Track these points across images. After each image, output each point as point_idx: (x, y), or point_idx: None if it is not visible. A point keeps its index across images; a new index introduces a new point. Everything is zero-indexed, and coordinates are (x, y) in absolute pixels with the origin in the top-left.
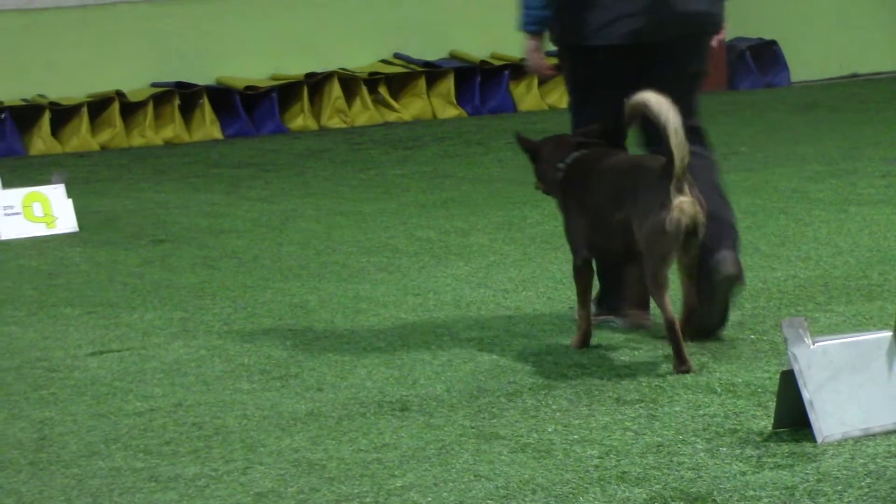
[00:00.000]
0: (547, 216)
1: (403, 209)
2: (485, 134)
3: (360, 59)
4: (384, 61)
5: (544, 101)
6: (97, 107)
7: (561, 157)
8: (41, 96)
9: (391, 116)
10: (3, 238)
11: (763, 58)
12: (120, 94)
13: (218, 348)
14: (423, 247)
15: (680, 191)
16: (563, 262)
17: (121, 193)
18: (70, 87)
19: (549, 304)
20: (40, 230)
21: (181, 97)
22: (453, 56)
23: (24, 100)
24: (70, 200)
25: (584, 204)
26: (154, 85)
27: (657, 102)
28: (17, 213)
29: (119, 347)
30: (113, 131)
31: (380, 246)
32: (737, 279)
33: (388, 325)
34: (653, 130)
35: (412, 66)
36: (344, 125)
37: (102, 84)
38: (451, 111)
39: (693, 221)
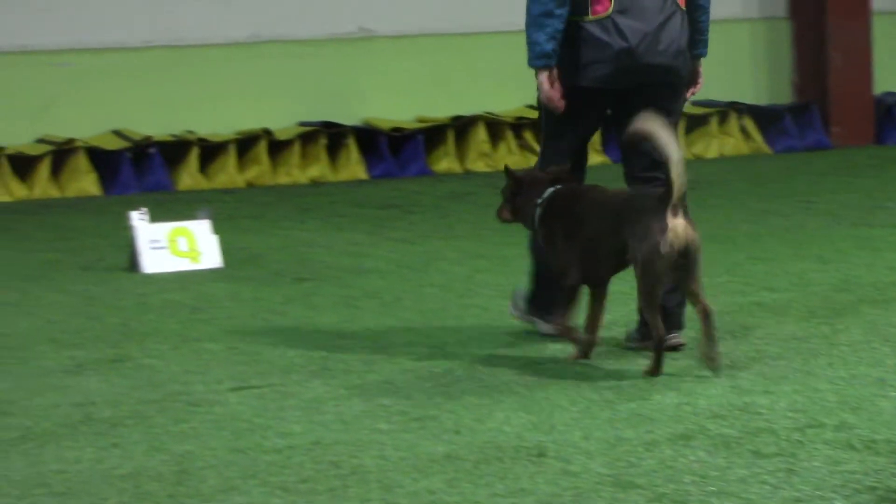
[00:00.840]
0: None
1: None
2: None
3: (507, 104)
4: (530, 106)
5: (690, 151)
6: (245, 144)
7: (539, 193)
8: (190, 132)
9: (536, 161)
10: (148, 272)
11: None
12: (267, 132)
13: (357, 388)
14: None
15: (675, 215)
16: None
17: (265, 231)
18: (218, 124)
19: (688, 353)
20: (185, 265)
21: (328, 137)
22: None
23: (172, 135)
24: (215, 236)
25: (573, 233)
26: (301, 124)
27: (664, 134)
28: (163, 248)
29: (259, 384)
30: (259, 169)
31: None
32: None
33: (528, 369)
34: (637, 161)
35: None
36: (488, 169)
37: (250, 122)
38: (596, 158)
39: (686, 243)
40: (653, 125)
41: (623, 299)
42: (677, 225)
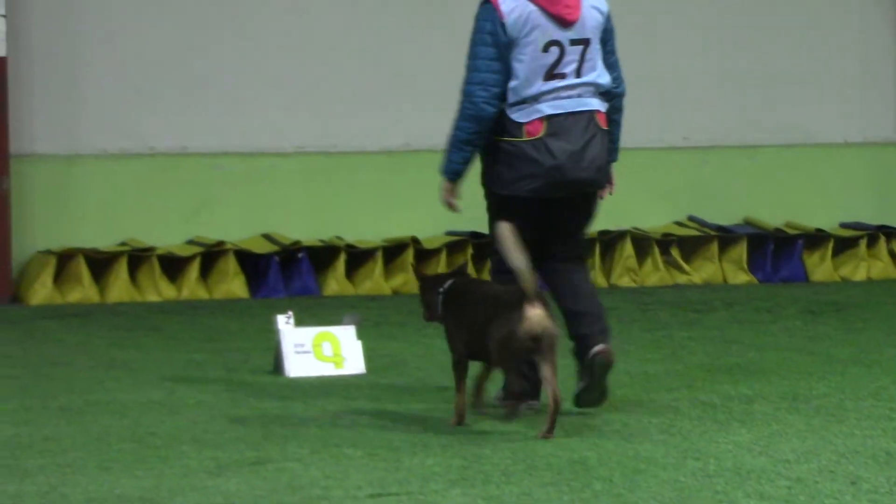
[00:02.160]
0: (833, 388)
1: (689, 371)
2: (775, 302)
3: (654, 220)
4: (678, 223)
5: (837, 273)
6: (392, 251)
7: (441, 284)
8: (338, 238)
9: (682, 279)
10: (292, 375)
11: None
12: (415, 241)
13: (495, 498)
14: (706, 411)
15: (533, 307)
16: (847, 436)
17: (410, 338)
18: (366, 231)
19: (830, 476)
20: (328, 370)
21: (474, 247)
22: (747, 222)
23: (321, 240)
24: (360, 342)
25: (462, 318)
26: (449, 233)
27: (507, 247)
28: (308, 352)
29: (398, 491)
30: (406, 276)
31: (663, 407)
32: (611, 365)
33: (667, 487)
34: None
35: (706, 229)
36: (634, 284)
37: (398, 229)
38: (742, 277)
39: (540, 331)
40: (505, 238)
41: None
42: (534, 315)
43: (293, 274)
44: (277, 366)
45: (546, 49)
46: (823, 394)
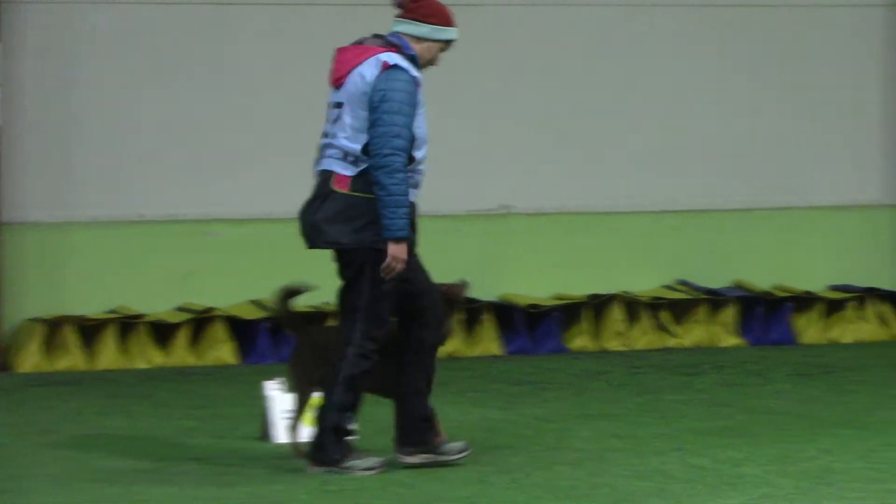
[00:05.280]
0: (823, 451)
1: (679, 435)
2: (764, 365)
3: (644, 284)
4: (667, 286)
5: (826, 335)
6: None
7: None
8: (327, 303)
9: (671, 342)
10: (280, 441)
11: None
12: None
13: None
14: (697, 474)
15: None
16: (836, 499)
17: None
18: None
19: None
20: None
21: (465, 311)
22: (737, 285)
23: (310, 306)
24: None
25: None
26: None
27: None
28: None
29: None
30: None
31: (652, 471)
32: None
33: None
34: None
35: (695, 293)
36: (624, 348)
37: None
38: (731, 340)
39: None
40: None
41: None
42: None
43: (283, 340)
44: (266, 432)
45: (328, 108)
46: (813, 456)
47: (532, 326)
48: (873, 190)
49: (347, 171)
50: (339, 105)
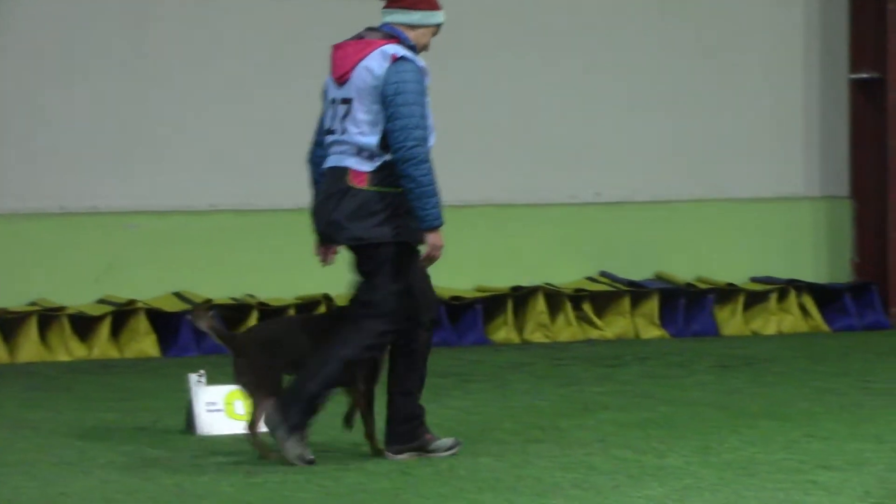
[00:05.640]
0: (745, 442)
1: (601, 426)
2: (687, 356)
3: (566, 276)
4: (590, 279)
5: (748, 327)
6: (304, 309)
7: None
8: (250, 296)
9: (594, 334)
10: (204, 434)
11: None
12: (327, 298)
13: None
14: (619, 466)
15: None
16: (759, 490)
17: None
18: (279, 288)
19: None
20: (241, 428)
21: None
22: (659, 277)
23: (233, 298)
24: None
25: None
26: None
27: None
28: (219, 410)
29: None
30: None
31: (575, 462)
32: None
33: None
34: None
35: (617, 284)
36: (547, 340)
37: (311, 287)
38: (653, 332)
39: None
40: None
41: None
42: None
43: (205, 332)
44: (189, 425)
45: (328, 106)
46: (735, 447)
47: (455, 318)
48: (794, 182)
49: (364, 166)
50: (346, 101)
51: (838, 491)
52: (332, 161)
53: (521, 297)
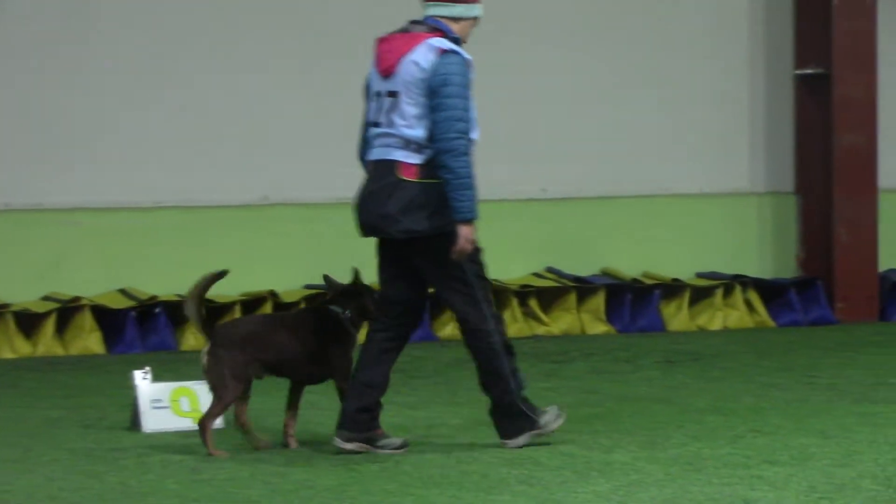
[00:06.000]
0: (691, 437)
1: None
2: (633, 352)
3: (512, 272)
4: (536, 274)
5: (694, 323)
6: (250, 305)
7: None
8: None
9: (540, 330)
10: (149, 431)
11: None
12: (273, 294)
13: None
14: (566, 461)
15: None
16: (704, 485)
17: (269, 392)
18: (224, 285)
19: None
20: (186, 424)
21: None
22: (605, 273)
23: (178, 295)
24: None
25: None
26: (307, 287)
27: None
28: (165, 407)
29: None
30: None
31: (522, 458)
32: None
33: None
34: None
35: (564, 280)
36: None
37: (257, 283)
38: (600, 327)
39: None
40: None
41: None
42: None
43: (150, 329)
44: (135, 422)
45: (373, 99)
46: (681, 443)
47: None
48: (739, 178)
49: (413, 159)
50: (391, 94)
51: (784, 486)
52: (377, 154)
53: None
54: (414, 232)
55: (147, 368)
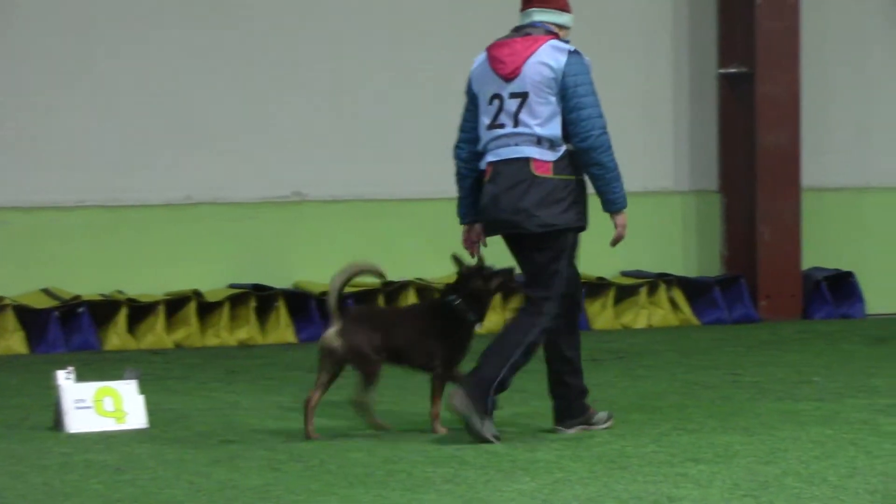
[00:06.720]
0: (615, 436)
1: None
2: None
3: (437, 270)
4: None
5: (618, 321)
6: (174, 305)
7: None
8: (119, 292)
9: None
10: (72, 431)
11: (839, 289)
12: (197, 294)
13: None
14: (490, 460)
15: (330, 325)
16: (629, 483)
17: (192, 392)
18: (148, 285)
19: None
20: (110, 425)
21: (258, 299)
22: None
23: (102, 295)
24: (142, 396)
25: None
26: (231, 286)
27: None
28: (88, 407)
29: None
30: (188, 330)
31: (447, 457)
32: (453, 410)
33: None
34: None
35: None
36: None
37: (180, 283)
38: None
39: (323, 344)
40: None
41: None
42: (328, 332)
43: (73, 329)
44: (58, 422)
45: (490, 101)
46: (606, 441)
47: (325, 314)
48: (664, 177)
49: (546, 156)
50: (518, 95)
51: (708, 483)
52: (506, 153)
53: (392, 291)
54: (550, 226)
55: (70, 368)
